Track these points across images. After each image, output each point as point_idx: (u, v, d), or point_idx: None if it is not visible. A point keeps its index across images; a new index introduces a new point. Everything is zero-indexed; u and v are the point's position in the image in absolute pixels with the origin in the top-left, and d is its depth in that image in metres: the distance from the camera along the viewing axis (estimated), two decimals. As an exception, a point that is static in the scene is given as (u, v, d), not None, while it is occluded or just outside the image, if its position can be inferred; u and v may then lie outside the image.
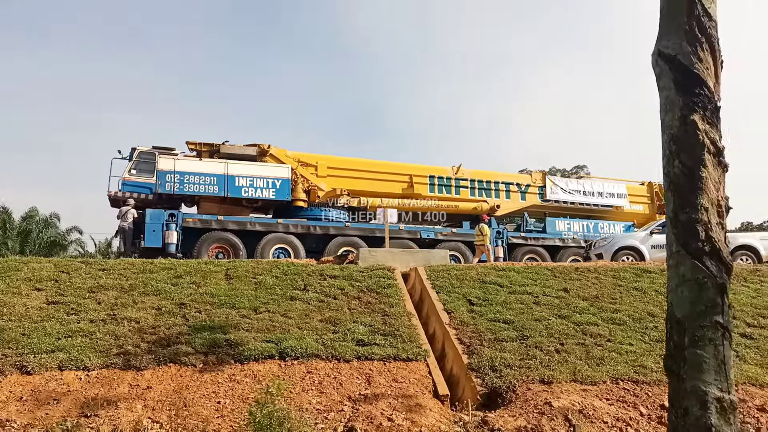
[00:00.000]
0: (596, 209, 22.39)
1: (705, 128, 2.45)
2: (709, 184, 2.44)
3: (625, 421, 7.07)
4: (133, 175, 17.13)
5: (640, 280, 11.79)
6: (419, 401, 7.43)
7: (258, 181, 17.30)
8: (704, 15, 2.51)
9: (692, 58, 2.51)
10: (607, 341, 9.17)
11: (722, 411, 2.28)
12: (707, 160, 2.45)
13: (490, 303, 10.44)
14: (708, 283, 2.41)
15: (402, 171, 20.04)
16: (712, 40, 2.53)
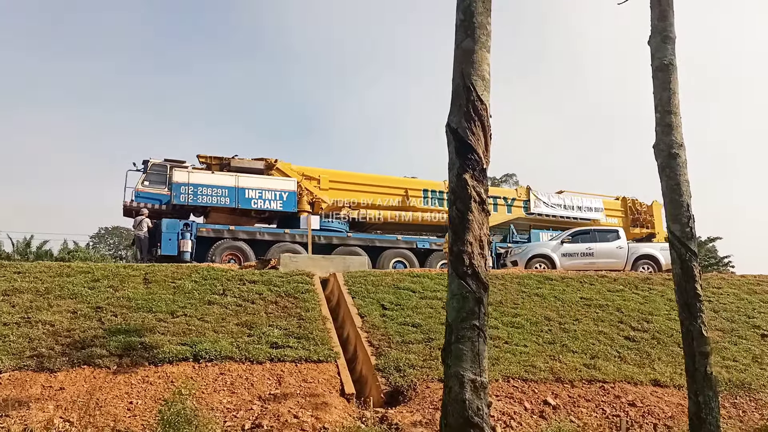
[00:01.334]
0: (575, 222, 23.51)
1: (473, 184, 3.25)
2: (474, 224, 3.22)
3: (510, 415, 7.94)
4: (146, 186, 17.96)
5: (541, 287, 12.85)
6: (326, 400, 8.05)
7: (266, 193, 18.39)
8: (478, 100, 3.33)
9: (467, 132, 3.31)
10: (504, 343, 10.06)
11: (475, 389, 3.05)
12: (474, 207, 3.24)
13: (402, 308, 11.18)
14: (469, 296, 3.19)
15: (398, 185, 21.25)
16: (483, 120, 3.35)
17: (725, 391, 9.29)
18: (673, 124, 4.87)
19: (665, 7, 4.98)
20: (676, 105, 4.92)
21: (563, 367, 9.37)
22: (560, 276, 13.88)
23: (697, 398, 4.55)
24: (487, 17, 3.56)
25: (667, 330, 11.13)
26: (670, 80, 4.92)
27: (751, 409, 9.02)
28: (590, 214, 24.06)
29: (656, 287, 13.42)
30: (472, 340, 3.18)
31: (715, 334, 11.24)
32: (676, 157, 4.86)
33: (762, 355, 10.57)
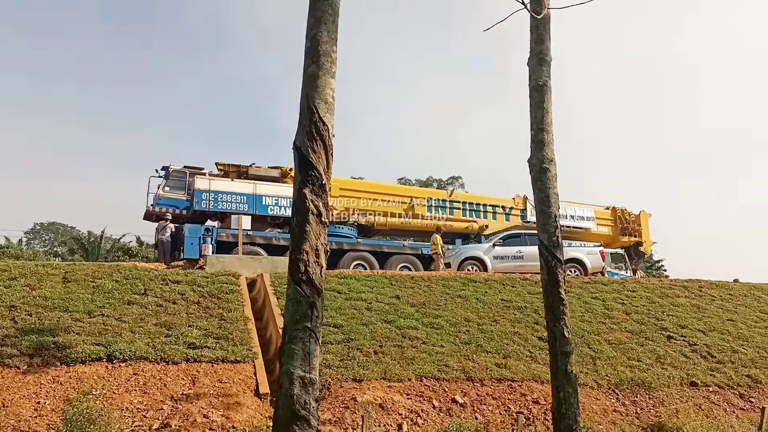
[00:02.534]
0: (568, 230, 24.14)
1: (312, 198, 3.60)
2: (311, 235, 3.57)
3: (417, 412, 8.34)
4: (167, 192, 18.96)
5: (465, 289, 13.34)
6: (239, 399, 8.26)
7: (282, 200, 19.40)
8: (320, 122, 3.67)
9: (309, 150, 3.65)
10: (422, 343, 10.47)
11: (303, 385, 3.38)
12: (311, 219, 3.58)
13: (326, 308, 11.41)
14: (303, 300, 3.52)
15: (404, 193, 22.59)
16: (324, 140, 3.69)
17: (627, 390, 9.94)
18: (545, 140, 5.31)
19: (542, 32, 5.42)
20: (549, 123, 5.35)
21: (476, 366, 9.83)
22: (484, 278, 14.41)
23: (559, 394, 4.99)
24: (331, 46, 3.89)
25: (579, 331, 11.73)
26: (544, 100, 5.36)
27: (649, 406, 9.66)
28: (582, 223, 25.06)
29: (573, 290, 14.09)
30: (304, 341, 3.49)
31: (624, 336, 11.95)
32: (547, 171, 5.31)
33: (665, 355, 11.27)
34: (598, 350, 11.12)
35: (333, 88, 3.86)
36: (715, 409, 9.83)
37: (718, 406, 9.93)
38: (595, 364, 10.61)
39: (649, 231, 26.75)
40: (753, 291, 15.64)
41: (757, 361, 11.52)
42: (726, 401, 10.14)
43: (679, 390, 10.12)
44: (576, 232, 24.75)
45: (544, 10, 5.25)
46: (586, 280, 15.49)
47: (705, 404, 9.88)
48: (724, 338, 12.32)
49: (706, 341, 12.04)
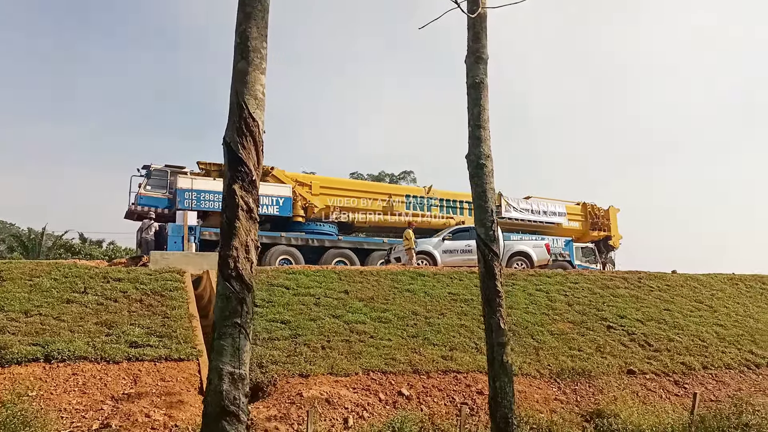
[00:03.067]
0: (542, 226, 25.32)
1: (242, 194, 3.66)
2: (241, 231, 3.63)
3: (363, 406, 8.44)
4: (148, 190, 19.13)
5: (413, 283, 13.51)
6: (182, 398, 8.18)
7: (264, 199, 19.41)
8: (249, 117, 3.74)
9: (239, 146, 3.71)
10: (370, 337, 10.57)
11: (233, 381, 3.44)
12: (241, 215, 3.64)
13: (274, 304, 11.43)
14: (232, 297, 3.58)
15: (383, 190, 22.99)
16: (254, 135, 3.76)
17: (568, 378, 10.27)
18: (482, 137, 5.45)
19: (479, 30, 5.55)
20: (486, 120, 5.50)
21: (422, 359, 9.99)
22: (433, 272, 14.62)
23: (495, 384, 5.15)
24: (261, 42, 3.92)
25: (523, 323, 12.05)
26: (480, 97, 5.50)
27: (589, 394, 10.02)
28: (554, 218, 25.98)
29: (519, 282, 14.45)
30: (233, 337, 3.53)
31: (566, 326, 12.33)
32: (483, 167, 5.45)
33: (605, 345, 11.69)
34: (541, 341, 11.44)
35: (263, 84, 3.89)
36: (651, 395, 10.26)
37: (654, 393, 10.36)
38: (538, 354, 10.92)
39: (617, 225, 27.80)
40: (689, 282, 16.34)
41: (692, 348, 12.06)
42: (662, 388, 10.59)
43: (617, 378, 10.52)
44: (549, 227, 25.63)
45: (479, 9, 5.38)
46: (531, 273, 15.88)
47: (642, 391, 10.29)
48: (660, 327, 12.85)
49: (644, 330, 12.53)
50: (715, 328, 13.17)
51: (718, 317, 13.93)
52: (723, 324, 13.51)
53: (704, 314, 14.00)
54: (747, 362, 11.85)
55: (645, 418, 8.80)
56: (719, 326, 13.35)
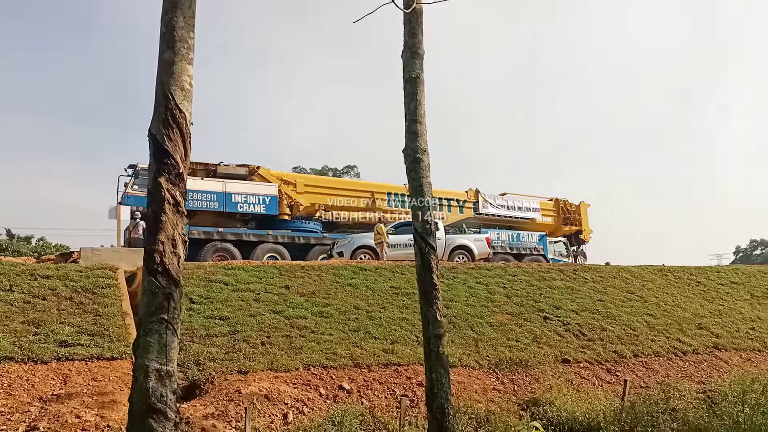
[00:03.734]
0: (517, 221, 26.47)
1: (168, 187, 3.63)
2: (168, 225, 3.60)
3: (303, 401, 8.43)
4: (135, 190, 18.91)
5: (355, 278, 13.55)
6: (115, 398, 7.96)
7: (251, 197, 20.15)
8: (176, 109, 3.71)
9: (165, 138, 3.67)
10: (311, 332, 10.55)
11: (160, 378, 3.42)
12: (167, 209, 3.61)
13: (212, 301, 11.25)
14: (159, 292, 3.56)
15: (365, 188, 23.66)
16: (181, 127, 3.73)
17: (506, 369, 10.53)
18: (419, 131, 5.52)
19: (414, 25, 5.61)
20: (422, 115, 5.58)
21: (363, 353, 10.05)
22: (375, 266, 14.70)
23: (432, 375, 5.25)
24: (188, 31, 3.86)
25: (464, 315, 12.28)
26: (417, 92, 5.57)
27: (526, 383, 10.30)
28: (529, 214, 27.00)
29: (460, 276, 14.71)
30: (160, 333, 3.48)
31: (505, 318, 12.64)
32: (420, 161, 5.53)
33: (542, 335, 12.04)
34: (481, 332, 11.69)
35: (190, 74, 3.82)
36: (585, 383, 10.63)
37: (588, 381, 10.75)
38: (477, 345, 11.15)
39: (588, 220, 29.07)
40: (622, 273, 17.00)
41: (623, 337, 12.56)
42: (595, 376, 10.99)
43: (553, 367, 10.85)
44: (524, 223, 26.75)
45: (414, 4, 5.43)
46: (472, 266, 16.18)
47: (576, 379, 10.66)
48: (594, 317, 13.33)
49: (579, 321, 12.98)
50: (645, 318, 13.75)
51: (648, 307, 14.55)
52: (653, 313, 14.12)
53: (635, 304, 14.60)
54: (675, 350, 12.42)
55: (578, 405, 9.12)
56: (649, 316, 13.95)
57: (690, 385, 10.78)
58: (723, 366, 12.00)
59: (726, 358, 12.39)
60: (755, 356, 12.77)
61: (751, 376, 10.54)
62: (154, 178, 3.63)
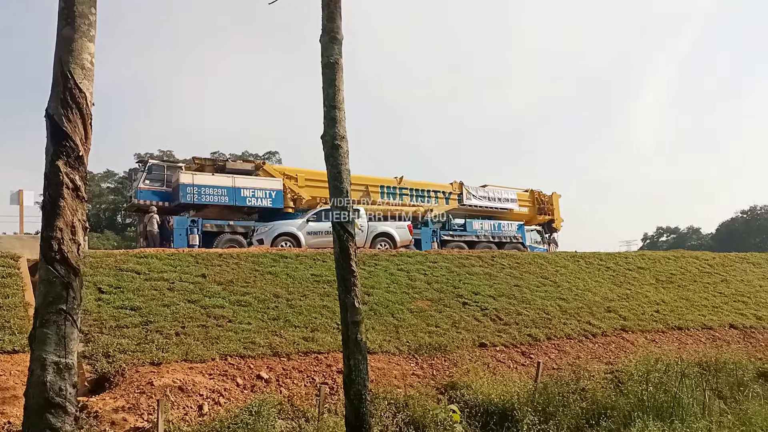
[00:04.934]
0: (496, 211, 28.61)
1: (67, 171, 3.50)
2: (67, 211, 3.48)
3: (219, 392, 8.29)
4: (147, 185, 20.87)
5: (275, 265, 13.41)
6: (16, 393, 7.58)
7: (258, 192, 21.64)
8: (76, 88, 3.57)
9: (63, 119, 3.53)
10: (228, 322, 10.38)
11: (58, 371, 3.32)
12: (66, 194, 3.49)
13: (123, 290, 10.86)
14: (56, 281, 3.45)
15: (360, 182, 24.50)
16: (81, 108, 3.60)
17: (426, 354, 10.73)
18: (337, 117, 5.51)
19: (333, 9, 5.57)
20: (341, 101, 5.57)
21: (283, 341, 9.98)
22: (296, 254, 14.60)
23: (349, 362, 5.29)
24: (89, 7, 3.69)
25: (385, 302, 12.42)
26: (335, 77, 5.54)
27: (445, 368, 10.54)
28: (507, 204, 29.17)
29: (381, 263, 14.84)
30: (58, 324, 3.35)
31: (425, 304, 12.88)
32: (339, 147, 5.52)
33: (460, 320, 12.34)
34: (401, 319, 11.86)
35: (92, 52, 3.63)
36: (501, 366, 11.01)
37: (503, 364, 11.13)
38: (397, 332, 11.30)
39: (559, 210, 31.37)
40: (537, 259, 17.66)
41: (537, 321, 13.07)
42: (510, 359, 11.39)
43: (470, 351, 11.16)
44: (503, 213, 28.90)
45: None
46: (393, 253, 16.36)
47: (492, 362, 11.01)
48: (510, 302, 13.80)
49: (496, 306, 13.40)
50: (558, 302, 14.36)
51: (561, 292, 15.20)
52: (565, 298, 14.77)
53: (549, 289, 15.22)
54: (585, 332, 13.05)
55: (494, 387, 9.44)
56: (562, 300, 14.58)
57: (599, 365, 11.36)
58: (629, 347, 12.70)
59: (632, 339, 13.12)
60: (659, 337, 13.58)
61: (655, 356, 11.25)
62: (51, 161, 3.44)
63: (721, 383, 11.01)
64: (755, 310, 16.12)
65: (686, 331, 14.05)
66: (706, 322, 14.71)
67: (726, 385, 11.00)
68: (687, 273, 18.94)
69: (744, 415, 9.45)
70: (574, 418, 9.20)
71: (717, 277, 19.00)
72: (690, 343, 13.39)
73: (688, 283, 17.87)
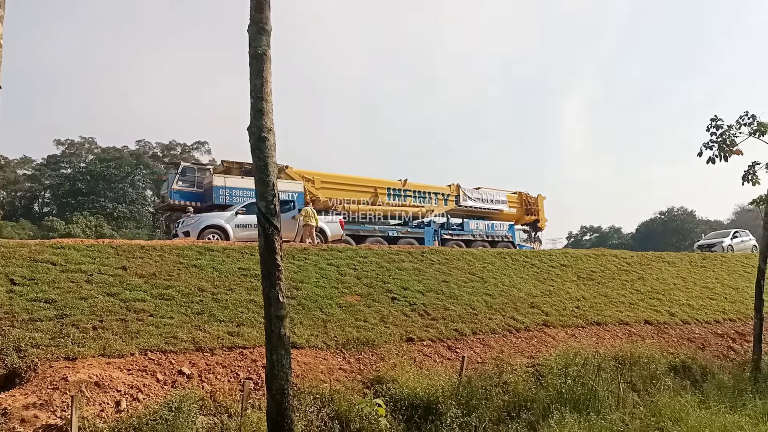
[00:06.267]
0: (489, 212, 31.12)
1: None
2: None
3: (138, 387, 8.10)
4: (180, 186, 22.27)
5: (201, 258, 13.17)
6: None
7: (282, 194, 21.84)
8: None
9: None
10: (149, 316, 10.12)
11: None
12: None
13: (36, 282, 10.41)
14: None
15: (369, 184, 27.04)
16: None
17: (353, 348, 10.79)
18: (265, 109, 5.47)
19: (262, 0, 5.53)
20: (268, 93, 5.53)
21: (207, 336, 9.82)
22: (223, 247, 14.37)
23: (272, 356, 5.28)
24: None
25: (314, 296, 12.41)
26: (263, 69, 5.50)
27: (372, 362, 10.64)
28: (498, 206, 31.68)
29: (311, 257, 14.82)
30: None
31: (354, 299, 12.94)
32: (265, 140, 5.48)
33: (389, 315, 12.48)
34: (330, 313, 11.88)
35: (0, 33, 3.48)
36: (427, 360, 11.20)
37: (430, 358, 11.33)
38: (326, 326, 11.32)
39: (544, 210, 34.03)
40: (465, 255, 18.05)
41: (464, 316, 13.36)
42: (436, 353, 11.61)
43: (398, 346, 11.31)
44: (494, 213, 31.34)
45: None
46: (324, 248, 16.35)
47: (419, 357, 11.19)
48: (438, 298, 14.05)
49: (424, 301, 13.61)
50: (484, 298, 14.73)
51: (488, 287, 15.60)
52: (491, 293, 15.17)
53: (476, 285, 15.59)
54: (509, 327, 13.44)
55: (420, 381, 9.61)
56: (488, 296, 14.96)
57: (521, 359, 11.74)
58: (551, 341, 13.17)
59: (553, 334, 13.61)
60: (578, 332, 14.15)
61: (574, 351, 11.74)
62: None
63: (636, 377, 11.60)
64: (669, 307, 17.01)
65: (604, 326, 14.68)
66: (623, 318, 15.41)
67: (640, 379, 11.59)
68: (606, 271, 19.80)
69: (655, 407, 10.01)
70: (496, 410, 9.51)
71: (634, 275, 19.94)
72: (607, 338, 14.01)
73: (607, 281, 18.68)
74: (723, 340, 15.51)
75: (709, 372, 12.61)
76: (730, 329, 16.27)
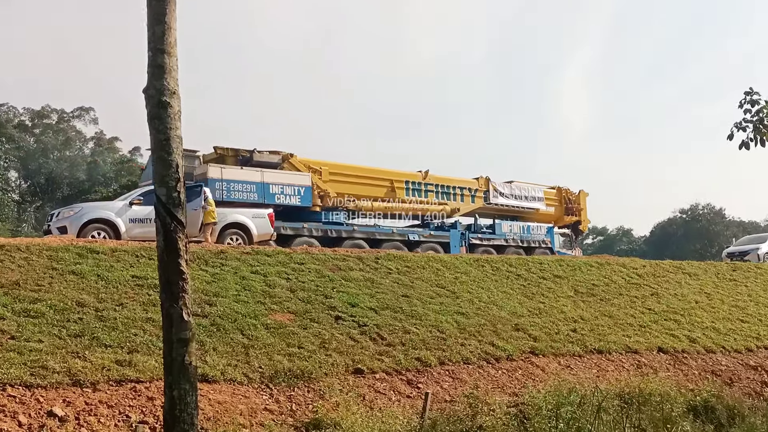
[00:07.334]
0: (523, 211, 32.26)
1: None
2: None
3: (-6, 434, 7.90)
4: None
5: (82, 263, 12.97)
6: None
7: (287, 188, 24.14)
8: None
9: None
10: (10, 339, 9.92)
11: None
12: None
13: None
14: None
15: (385, 176, 28.24)
16: None
17: (284, 383, 10.78)
18: (167, 66, 5.35)
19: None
20: (172, 44, 5.42)
21: (87, 366, 9.66)
22: (112, 248, 14.18)
23: (172, 392, 5.22)
24: None
25: (232, 314, 12.35)
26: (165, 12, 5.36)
27: (308, 401, 10.65)
28: (534, 204, 32.84)
29: (231, 262, 14.77)
30: None
31: (286, 318, 12.95)
32: (167, 106, 5.38)
33: (331, 339, 12.50)
34: (254, 336, 11.83)
35: None
36: (381, 398, 11.27)
37: (384, 395, 11.40)
38: (248, 354, 11.26)
39: (587, 209, 35.31)
40: (431, 263, 18.21)
41: (429, 341, 13.47)
42: (392, 389, 11.68)
43: (342, 379, 11.34)
44: (529, 213, 32.57)
45: None
46: (248, 251, 16.30)
47: (369, 393, 11.25)
48: (396, 317, 14.14)
49: (378, 321, 13.68)
50: (456, 317, 14.89)
51: (461, 304, 15.78)
52: (465, 312, 15.34)
53: (446, 301, 15.75)
54: (487, 355, 13.62)
55: (370, 425, 9.64)
56: (461, 315, 15.12)
57: (501, 397, 11.90)
58: (539, 374, 13.41)
59: (543, 364, 13.86)
60: (575, 362, 14.43)
61: (568, 386, 11.97)
62: None
63: (646, 420, 11.85)
64: (689, 331, 17.48)
65: (607, 354, 15.02)
66: (632, 344, 15.78)
67: (651, 422, 11.85)
68: (612, 284, 20.26)
69: (669, 459, 10.29)
70: (467, 463, 9.64)
71: (647, 290, 20.46)
72: (611, 369, 14.34)
73: (612, 297, 19.11)
74: (756, 373, 16.02)
75: (738, 414, 12.95)
76: (765, 360, 16.80)
